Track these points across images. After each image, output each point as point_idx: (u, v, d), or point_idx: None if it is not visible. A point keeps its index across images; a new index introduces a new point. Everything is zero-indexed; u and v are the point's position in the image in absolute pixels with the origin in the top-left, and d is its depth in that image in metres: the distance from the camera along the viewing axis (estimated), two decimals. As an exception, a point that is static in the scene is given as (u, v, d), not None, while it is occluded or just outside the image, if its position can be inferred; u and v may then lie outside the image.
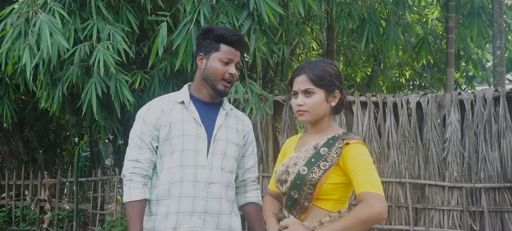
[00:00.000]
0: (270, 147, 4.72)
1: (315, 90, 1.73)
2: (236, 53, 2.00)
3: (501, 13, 5.01)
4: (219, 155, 1.99)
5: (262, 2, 3.33)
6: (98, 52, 3.28)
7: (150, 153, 1.96)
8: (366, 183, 1.59)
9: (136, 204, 1.90)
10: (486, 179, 4.14)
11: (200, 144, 1.96)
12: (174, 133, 1.95)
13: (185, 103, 2.00)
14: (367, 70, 7.81)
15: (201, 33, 2.06)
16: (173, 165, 1.94)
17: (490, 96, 4.20)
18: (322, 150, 1.71)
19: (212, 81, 1.99)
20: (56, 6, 3.22)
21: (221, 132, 2.02)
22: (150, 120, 1.97)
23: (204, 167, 1.95)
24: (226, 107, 2.08)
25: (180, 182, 1.93)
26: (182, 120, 1.97)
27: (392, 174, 4.36)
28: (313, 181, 1.67)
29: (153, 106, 2.01)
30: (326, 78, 1.73)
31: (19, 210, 5.67)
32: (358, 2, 5.21)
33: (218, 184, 1.98)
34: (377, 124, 4.45)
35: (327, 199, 1.70)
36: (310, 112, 1.74)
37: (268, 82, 5.50)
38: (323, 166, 1.68)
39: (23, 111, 5.86)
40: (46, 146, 6.57)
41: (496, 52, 4.93)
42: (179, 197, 1.92)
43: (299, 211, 1.74)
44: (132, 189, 1.92)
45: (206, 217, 1.94)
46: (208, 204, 1.95)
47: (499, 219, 4.08)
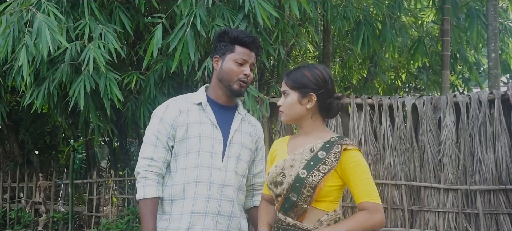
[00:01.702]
0: (266, 149, 4.71)
1: (289, 92, 1.81)
2: (250, 54, 2.04)
3: (495, 16, 5.03)
4: (234, 158, 2.02)
5: (257, 4, 3.33)
6: (89, 51, 3.28)
7: (166, 152, 1.98)
8: (367, 193, 1.71)
9: (150, 202, 1.92)
10: (481, 181, 4.15)
11: (216, 146, 1.99)
12: (191, 134, 1.97)
13: (203, 104, 2.02)
14: (363, 72, 7.82)
15: (217, 36, 2.09)
16: (189, 166, 1.96)
17: (485, 99, 4.22)
18: (320, 154, 1.75)
19: (227, 82, 2.01)
20: (51, 6, 3.22)
21: (237, 136, 2.05)
22: (167, 119, 1.99)
23: (219, 169, 1.98)
24: (241, 112, 2.11)
25: (196, 182, 1.95)
26: (199, 121, 1.99)
27: (387, 176, 4.37)
28: (312, 184, 1.71)
29: (171, 106, 2.02)
30: (300, 81, 1.79)
31: (14, 213, 5.65)
32: (354, 5, 5.22)
33: (232, 187, 2.01)
34: (373, 126, 4.46)
35: (324, 200, 1.75)
36: (285, 112, 1.84)
37: (264, 84, 5.49)
38: (322, 169, 1.72)
39: (18, 113, 5.84)
40: (41, 148, 6.54)
41: (491, 55, 4.95)
42: (193, 198, 1.94)
43: (297, 213, 1.75)
44: (147, 187, 1.93)
45: (218, 218, 1.97)
46: (221, 206, 1.97)
47: (494, 221, 4.09)
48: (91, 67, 3.26)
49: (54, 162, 6.75)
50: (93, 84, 3.43)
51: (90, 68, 3.26)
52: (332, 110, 1.83)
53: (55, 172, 5.88)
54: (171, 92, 4.34)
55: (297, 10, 3.56)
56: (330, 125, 4.44)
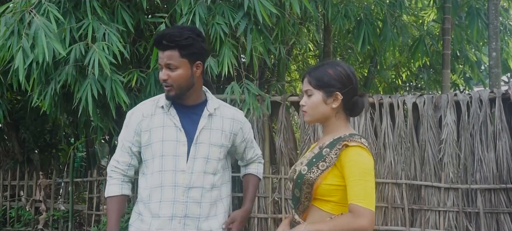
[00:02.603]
0: (266, 147, 4.72)
1: (313, 92, 1.76)
2: (163, 55, 1.93)
3: (496, 15, 5.02)
4: (201, 159, 1.98)
5: (257, 2, 3.32)
6: (93, 53, 3.27)
7: (129, 157, 2.04)
8: (357, 195, 1.58)
9: (114, 199, 2.01)
10: (482, 180, 4.14)
11: (180, 149, 1.96)
12: (154, 138, 1.97)
13: (165, 107, 2.00)
14: (364, 71, 7.81)
15: None
16: (154, 170, 1.97)
17: (486, 98, 4.21)
18: (324, 151, 1.73)
19: None
20: (51, 7, 3.21)
21: (204, 135, 2.00)
22: (132, 125, 2.01)
23: (184, 172, 1.95)
24: (210, 108, 2.04)
25: (161, 187, 1.96)
26: (162, 125, 1.98)
27: (388, 174, 4.37)
28: (310, 181, 1.69)
29: (136, 111, 2.04)
30: (324, 80, 1.74)
31: (14, 211, 5.64)
32: (354, 3, 5.21)
33: (198, 188, 1.98)
34: (374, 124, 4.46)
35: (327, 201, 1.70)
36: (308, 112, 1.79)
37: (265, 82, 5.49)
38: (321, 166, 1.69)
39: (19, 111, 5.83)
40: (41, 146, 6.53)
41: (492, 54, 4.94)
42: (159, 202, 1.96)
43: (301, 211, 1.77)
44: (111, 185, 2.04)
45: (186, 221, 1.96)
46: (188, 208, 1.96)
47: (495, 221, 4.08)
48: (96, 72, 3.26)
49: (54, 160, 6.75)
50: (100, 88, 3.43)
51: (96, 72, 3.26)
52: (357, 109, 1.79)
53: (55, 170, 5.87)
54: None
55: (297, 8, 3.55)
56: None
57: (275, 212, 4.57)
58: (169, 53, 1.91)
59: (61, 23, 3.32)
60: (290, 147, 4.67)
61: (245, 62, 4.05)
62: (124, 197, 2.04)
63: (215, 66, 3.54)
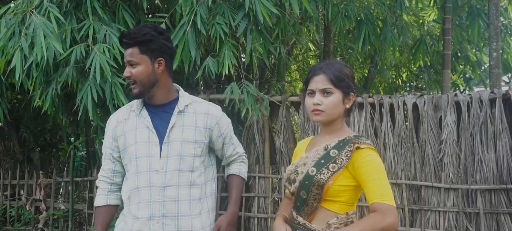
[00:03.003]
0: (266, 147, 4.72)
1: (334, 91, 1.72)
2: (127, 53, 1.97)
3: (497, 15, 5.02)
4: (175, 156, 1.97)
5: (257, 2, 3.32)
6: (95, 57, 3.28)
7: (112, 164, 2.07)
8: (380, 194, 1.60)
9: (99, 210, 2.07)
10: (482, 180, 4.14)
11: (152, 149, 1.97)
12: (128, 142, 2.00)
13: (138, 110, 2.03)
14: (364, 71, 7.81)
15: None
16: (131, 173, 2.00)
17: (486, 98, 4.21)
18: (332, 152, 1.71)
19: None
20: (52, 7, 3.21)
21: (175, 132, 1.99)
22: (109, 131, 2.07)
23: (157, 172, 1.96)
24: (180, 105, 2.03)
25: (137, 189, 1.98)
26: (135, 128, 2.01)
27: (388, 175, 4.35)
28: (321, 182, 1.68)
29: (112, 118, 2.09)
30: (344, 79, 1.73)
31: (14, 210, 5.65)
32: (355, 3, 5.20)
33: (174, 187, 1.97)
34: (374, 124, 4.45)
35: (335, 201, 1.71)
36: (326, 112, 1.73)
37: (265, 82, 5.49)
38: (332, 167, 1.68)
39: (19, 110, 5.84)
40: (42, 146, 6.54)
41: (493, 54, 4.94)
42: (138, 204, 1.98)
43: (307, 212, 1.74)
44: (98, 196, 2.09)
45: (165, 220, 1.97)
46: (165, 207, 1.96)
47: (495, 221, 4.08)
48: (98, 76, 3.27)
49: (54, 159, 6.76)
50: (101, 91, 3.45)
51: (97, 77, 3.27)
52: (353, 108, 1.82)
53: (55, 169, 5.89)
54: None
55: (297, 8, 3.55)
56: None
57: (275, 212, 4.56)
58: (130, 50, 1.95)
59: (62, 23, 3.31)
60: (290, 147, 4.66)
61: (245, 62, 4.05)
62: (110, 207, 2.07)
63: (214, 66, 3.54)
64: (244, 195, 4.69)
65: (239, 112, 4.07)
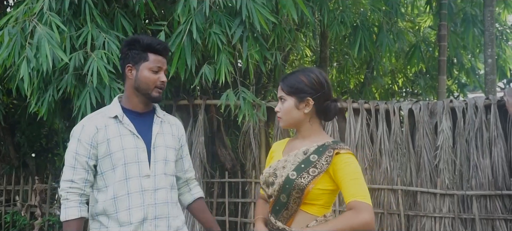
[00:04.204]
0: (262, 153, 4.72)
1: (286, 98, 1.83)
2: (163, 61, 2.07)
3: (492, 21, 5.06)
4: (161, 161, 2.06)
5: (254, 10, 3.34)
6: (93, 62, 3.28)
7: (85, 173, 1.98)
8: (356, 192, 1.66)
9: (73, 223, 1.94)
10: (477, 186, 4.16)
11: (141, 155, 2.01)
12: (113, 148, 1.98)
13: (119, 117, 2.02)
14: (360, 77, 7.84)
15: (127, 44, 2.08)
16: (117, 179, 1.98)
17: (482, 104, 4.23)
18: (312, 157, 1.76)
19: (145, 90, 2.03)
20: (53, 16, 3.21)
21: (159, 139, 2.08)
22: (85, 139, 1.98)
23: (148, 176, 2.01)
24: (159, 114, 2.14)
25: (127, 194, 1.97)
26: (119, 135, 2.00)
27: (384, 180, 4.38)
28: (301, 186, 1.72)
29: (87, 125, 2.01)
30: (296, 86, 1.80)
31: (9, 216, 5.61)
32: (351, 10, 5.23)
33: (163, 189, 2.05)
34: (370, 130, 4.47)
35: (313, 204, 1.75)
36: (283, 118, 1.85)
37: (261, 88, 5.50)
38: (312, 172, 1.73)
39: (15, 115, 5.82)
40: (37, 151, 6.51)
41: (488, 61, 4.97)
42: (128, 209, 1.97)
43: (286, 216, 1.78)
44: (69, 209, 1.94)
45: (157, 222, 2.02)
46: (157, 209, 2.02)
47: (490, 227, 4.10)
48: (95, 81, 3.27)
49: (50, 165, 6.72)
50: (99, 96, 3.45)
51: (94, 82, 3.28)
52: (330, 113, 1.84)
53: (51, 175, 5.86)
54: (168, 96, 4.34)
55: (295, 14, 3.56)
56: (327, 129, 4.44)
57: (271, 218, 4.56)
58: (165, 59, 2.10)
59: (62, 31, 3.32)
60: (287, 152, 4.66)
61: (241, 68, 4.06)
62: (82, 220, 1.97)
63: (210, 74, 3.55)
64: (240, 200, 4.69)
65: (236, 118, 4.07)
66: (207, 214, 2.29)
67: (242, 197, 4.70)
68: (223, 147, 4.74)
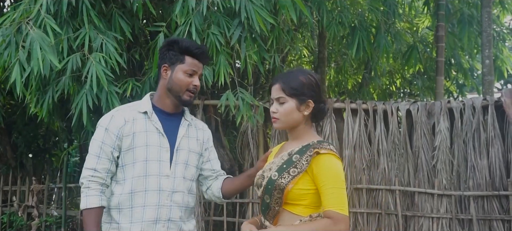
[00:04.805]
0: (261, 153, 4.71)
1: (286, 99, 1.79)
2: (199, 66, 2.07)
3: (489, 22, 5.07)
4: (182, 164, 2.05)
5: (253, 11, 3.34)
6: (91, 66, 3.27)
7: (109, 163, 1.99)
8: (335, 202, 1.67)
9: (93, 211, 1.94)
10: (475, 187, 4.17)
11: (163, 154, 2.01)
12: (137, 143, 1.98)
13: (148, 113, 2.03)
14: (358, 77, 7.85)
15: (166, 44, 2.10)
16: (136, 175, 1.97)
17: (479, 105, 4.24)
18: (294, 157, 1.77)
19: (177, 92, 2.04)
20: (48, 18, 3.20)
21: (184, 142, 2.08)
22: (113, 129, 1.99)
23: (168, 177, 2.01)
24: (187, 118, 2.15)
25: (144, 191, 1.97)
26: (145, 130, 2.01)
27: (381, 181, 4.38)
28: (281, 186, 1.73)
29: (116, 116, 2.02)
30: (298, 88, 1.79)
31: (6, 216, 5.60)
32: (349, 10, 5.23)
33: (180, 193, 2.04)
34: (367, 131, 4.47)
35: (297, 204, 1.76)
36: (281, 119, 1.82)
37: (259, 88, 5.50)
38: (292, 172, 1.74)
39: (12, 116, 5.80)
40: (34, 151, 6.49)
41: (485, 61, 4.99)
42: (143, 206, 1.97)
43: (271, 216, 1.80)
44: (90, 197, 1.94)
45: (169, 224, 2.01)
46: (171, 212, 2.01)
47: (488, 227, 4.11)
48: (94, 85, 3.26)
49: (47, 165, 6.71)
50: (96, 99, 3.43)
51: (94, 86, 3.27)
52: (322, 115, 1.86)
53: (48, 175, 5.84)
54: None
55: (294, 14, 3.56)
56: (325, 130, 4.44)
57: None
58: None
59: (58, 33, 3.30)
60: (285, 153, 4.66)
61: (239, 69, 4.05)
62: (102, 209, 1.97)
63: (209, 75, 3.55)
64: (238, 200, 4.69)
65: (234, 119, 4.07)
66: (238, 177, 2.24)
67: (240, 197, 4.70)
68: (221, 147, 4.73)
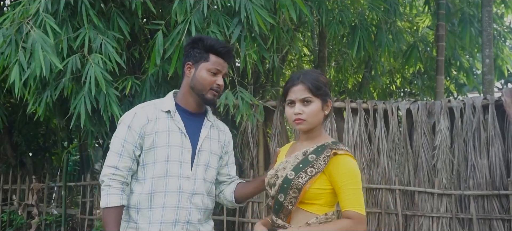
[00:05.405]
0: (260, 152, 4.72)
1: (313, 99, 1.78)
2: (224, 65, 2.03)
3: (490, 22, 5.06)
4: (202, 166, 2.02)
5: (253, 11, 3.33)
6: (90, 68, 3.26)
7: (131, 161, 1.95)
8: (355, 203, 1.70)
9: (114, 210, 1.90)
10: (475, 186, 4.16)
11: (185, 155, 1.97)
12: (159, 143, 1.95)
13: (171, 112, 2.00)
14: (358, 77, 7.83)
15: (191, 42, 2.06)
16: (157, 175, 1.94)
17: (479, 104, 4.23)
18: (310, 157, 1.77)
19: (200, 91, 2.00)
20: (48, 17, 3.19)
21: (205, 143, 2.05)
22: (135, 127, 1.95)
23: (188, 178, 1.97)
24: (210, 118, 2.11)
25: (164, 192, 1.94)
26: (168, 130, 1.97)
27: (382, 180, 4.38)
28: (299, 185, 1.74)
29: (140, 114, 1.98)
30: (322, 88, 1.80)
31: (6, 215, 5.61)
32: (349, 9, 5.22)
33: (200, 195, 2.01)
34: (368, 130, 4.47)
35: (313, 203, 1.77)
36: (308, 121, 1.79)
37: (259, 87, 5.49)
38: (309, 171, 1.74)
39: (12, 115, 5.80)
40: (35, 150, 6.50)
41: (485, 61, 4.98)
42: (162, 207, 1.94)
43: (285, 214, 1.80)
44: (111, 195, 1.91)
45: (188, 226, 1.98)
46: (191, 214, 1.98)
47: (488, 226, 4.10)
48: (93, 88, 3.26)
49: (47, 164, 6.71)
50: (95, 102, 3.42)
51: (92, 90, 3.26)
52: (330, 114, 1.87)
53: (48, 174, 5.84)
54: (166, 95, 4.33)
55: (294, 13, 3.55)
56: (325, 128, 4.44)
57: (269, 217, 4.56)
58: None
59: (58, 33, 3.30)
60: (285, 152, 4.66)
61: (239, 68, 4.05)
62: (123, 208, 1.94)
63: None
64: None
65: (234, 118, 4.07)
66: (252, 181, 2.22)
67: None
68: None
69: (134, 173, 1.99)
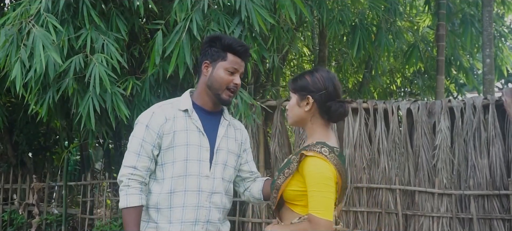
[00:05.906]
0: (261, 152, 4.72)
1: (292, 95, 1.88)
2: (241, 64, 2.01)
3: (490, 22, 5.06)
4: (221, 165, 2.01)
5: (253, 11, 3.33)
6: (94, 67, 3.26)
7: (149, 161, 1.93)
8: (315, 206, 1.67)
9: (133, 210, 1.88)
10: (475, 186, 4.16)
11: (203, 154, 1.96)
12: (177, 142, 1.94)
13: (189, 111, 1.99)
14: (359, 76, 7.84)
15: (208, 40, 2.05)
16: (176, 174, 1.93)
17: (480, 104, 4.23)
18: (292, 158, 1.80)
19: (216, 90, 1.98)
20: (50, 17, 3.19)
21: (223, 142, 2.04)
22: (154, 127, 1.94)
23: (208, 177, 1.96)
24: (227, 117, 2.10)
25: (184, 191, 1.93)
26: (186, 129, 1.96)
27: (382, 180, 4.38)
28: (278, 186, 1.80)
29: (157, 113, 1.97)
30: (299, 84, 1.84)
31: (6, 214, 5.61)
32: (350, 9, 5.22)
33: (219, 194, 2.00)
34: (368, 130, 4.47)
35: (296, 204, 1.79)
36: (288, 114, 1.91)
37: (260, 87, 5.49)
38: (286, 173, 1.78)
39: (13, 114, 5.80)
40: (35, 149, 6.50)
41: (486, 61, 4.98)
42: (182, 207, 1.92)
43: (276, 213, 1.89)
44: (130, 195, 1.89)
45: (208, 226, 1.97)
46: (210, 213, 1.97)
47: (488, 226, 4.10)
48: (97, 87, 3.26)
49: (48, 163, 6.71)
50: (103, 102, 3.42)
51: (97, 88, 3.26)
52: (332, 114, 1.81)
53: (48, 173, 5.84)
54: (166, 95, 4.33)
55: (293, 14, 3.56)
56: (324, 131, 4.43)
57: (269, 217, 4.57)
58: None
59: (60, 32, 3.30)
60: (285, 151, 4.67)
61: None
62: (142, 208, 1.92)
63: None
64: (238, 199, 4.69)
65: (233, 117, 4.06)
66: None
67: (240, 196, 4.70)
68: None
69: (152, 173, 1.97)
